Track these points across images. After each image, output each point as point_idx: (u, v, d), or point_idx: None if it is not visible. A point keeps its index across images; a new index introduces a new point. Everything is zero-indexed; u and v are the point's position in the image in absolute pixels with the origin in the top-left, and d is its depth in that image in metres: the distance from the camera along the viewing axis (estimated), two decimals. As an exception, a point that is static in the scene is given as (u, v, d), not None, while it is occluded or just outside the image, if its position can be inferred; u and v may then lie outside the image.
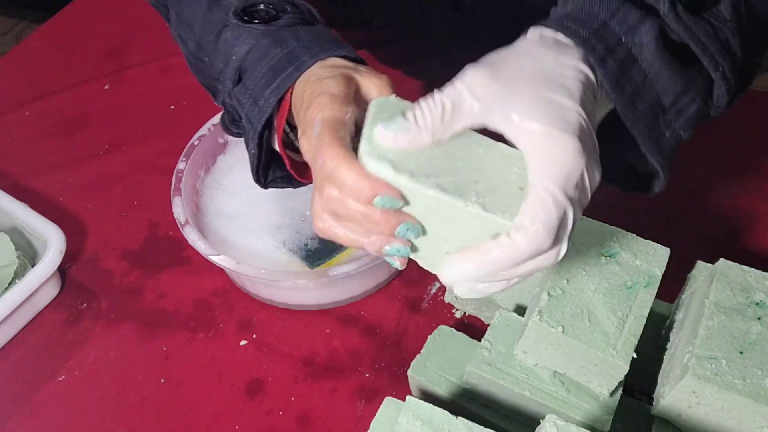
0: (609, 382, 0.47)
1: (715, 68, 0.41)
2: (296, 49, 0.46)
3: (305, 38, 0.47)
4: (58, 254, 0.64)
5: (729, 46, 0.41)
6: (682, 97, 0.42)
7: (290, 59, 0.46)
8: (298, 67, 0.45)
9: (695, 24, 0.40)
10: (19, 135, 0.85)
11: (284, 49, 0.46)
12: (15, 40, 2.22)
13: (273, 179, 0.53)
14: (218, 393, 0.60)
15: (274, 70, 0.46)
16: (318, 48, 0.46)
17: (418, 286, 0.67)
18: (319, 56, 0.45)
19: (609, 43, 0.39)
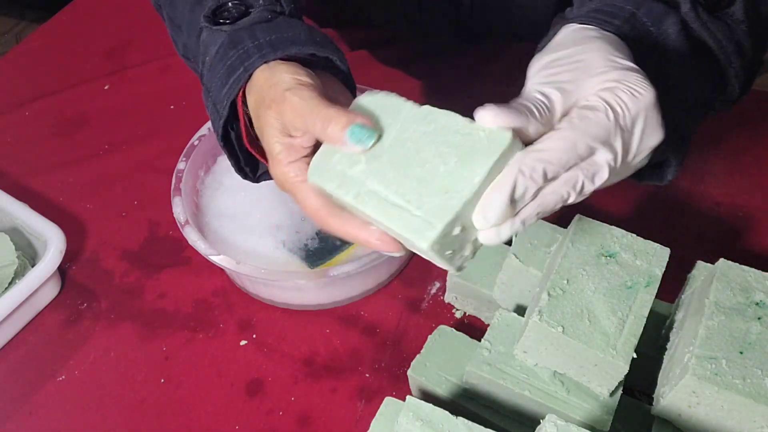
0: (609, 382, 0.47)
1: (730, 65, 0.43)
2: (249, 48, 0.46)
3: (261, 36, 0.46)
4: (58, 254, 0.64)
5: (741, 45, 0.43)
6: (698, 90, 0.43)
7: (242, 59, 0.45)
8: (247, 68, 0.45)
9: (713, 22, 0.42)
10: (19, 135, 0.85)
11: (239, 50, 0.46)
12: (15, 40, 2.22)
13: (263, 172, 0.53)
14: (218, 393, 0.60)
15: (228, 72, 0.46)
16: (269, 47, 0.45)
17: (418, 286, 0.67)
18: (267, 57, 0.45)
19: (639, 31, 0.40)
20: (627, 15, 0.41)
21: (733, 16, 0.43)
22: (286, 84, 0.43)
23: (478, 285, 0.59)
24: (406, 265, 0.68)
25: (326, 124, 0.40)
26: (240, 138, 0.49)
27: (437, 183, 0.37)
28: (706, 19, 0.42)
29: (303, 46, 0.46)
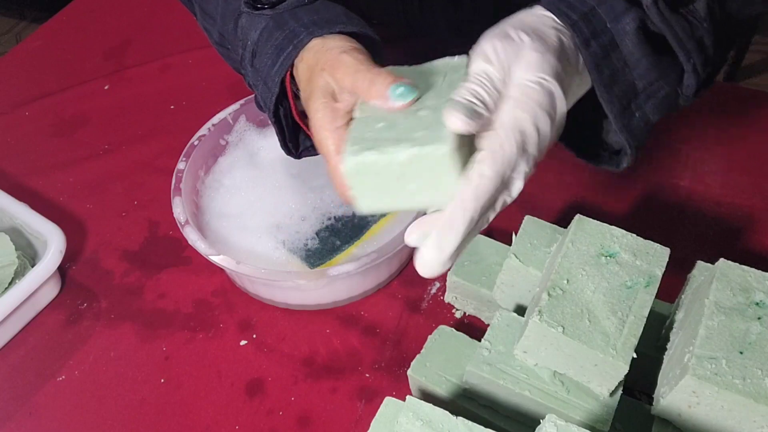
0: (609, 382, 0.47)
1: (688, 60, 0.45)
2: (296, 29, 0.49)
3: (304, 18, 0.50)
4: (58, 254, 0.64)
5: (703, 42, 0.45)
6: (654, 84, 0.45)
7: (290, 38, 0.49)
8: (296, 45, 0.49)
9: (674, 18, 0.43)
10: (19, 135, 0.85)
11: (285, 31, 0.50)
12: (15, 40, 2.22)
13: (304, 148, 0.57)
14: (218, 393, 0.60)
15: (277, 51, 0.50)
16: (315, 26, 0.49)
17: (418, 286, 0.67)
18: (315, 33, 0.48)
19: (595, 28, 0.43)
20: (587, 9, 0.43)
21: (695, 13, 0.44)
22: (341, 47, 0.46)
23: (478, 285, 0.59)
24: (406, 265, 0.68)
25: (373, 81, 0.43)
26: (288, 114, 0.54)
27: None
28: (668, 15, 0.43)
29: (345, 25, 0.49)
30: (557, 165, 0.76)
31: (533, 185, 0.73)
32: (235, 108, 0.74)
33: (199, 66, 0.92)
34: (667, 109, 0.46)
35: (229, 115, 0.73)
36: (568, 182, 0.74)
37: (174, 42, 0.96)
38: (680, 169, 0.75)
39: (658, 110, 0.46)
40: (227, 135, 0.74)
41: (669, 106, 0.46)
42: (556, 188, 0.74)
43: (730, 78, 1.87)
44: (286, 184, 0.71)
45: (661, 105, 0.46)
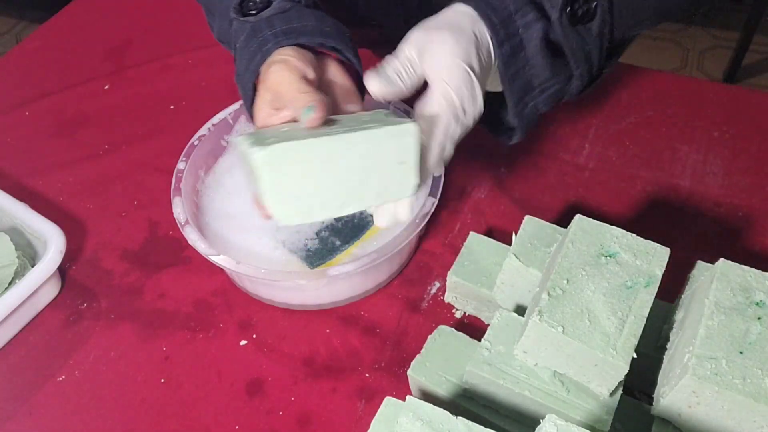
0: (609, 382, 0.47)
1: (576, 68, 0.53)
2: (267, 37, 0.53)
3: (277, 26, 0.54)
4: (58, 254, 0.64)
5: (590, 55, 0.53)
6: (547, 82, 0.53)
7: (260, 46, 0.53)
8: (264, 54, 0.53)
9: (571, 33, 0.51)
10: (19, 135, 0.85)
11: (258, 39, 0.54)
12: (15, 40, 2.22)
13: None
14: (218, 393, 0.60)
15: (250, 58, 0.54)
16: (283, 36, 0.53)
17: (418, 286, 0.67)
18: (281, 43, 0.52)
19: (509, 32, 0.51)
20: (505, 15, 0.50)
21: (588, 30, 0.52)
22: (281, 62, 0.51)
23: (478, 285, 0.59)
24: (406, 265, 0.68)
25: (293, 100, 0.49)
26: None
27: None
28: (567, 30, 0.51)
29: (311, 37, 0.53)
30: (557, 165, 0.76)
31: (533, 185, 0.74)
32: (235, 108, 0.74)
33: (199, 66, 0.92)
34: (555, 102, 0.55)
35: (229, 115, 0.73)
36: (568, 182, 0.74)
37: (174, 42, 0.96)
38: (680, 169, 0.75)
39: (548, 103, 0.55)
40: (227, 135, 0.74)
41: (557, 100, 0.55)
42: (556, 188, 0.74)
43: (730, 78, 1.87)
44: (286, 184, 0.71)
45: (551, 99, 0.55)
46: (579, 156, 0.77)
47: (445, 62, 0.48)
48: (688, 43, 2.02)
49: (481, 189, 0.74)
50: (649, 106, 0.81)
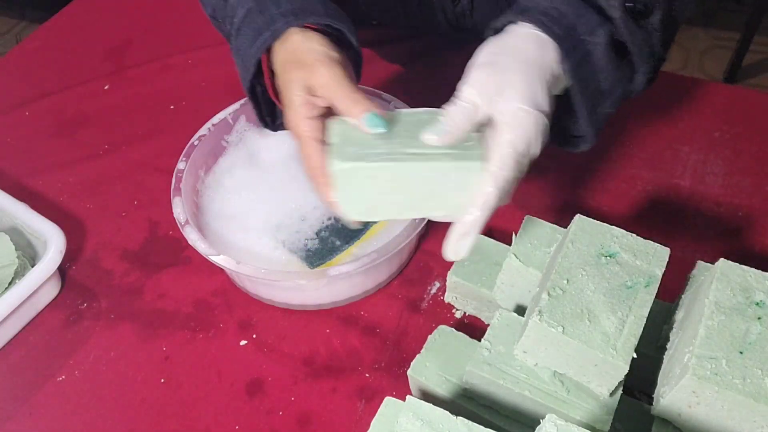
0: (609, 382, 0.47)
1: (641, 65, 0.52)
2: (274, 15, 0.53)
3: (284, 4, 0.53)
4: (58, 254, 0.64)
5: (654, 49, 0.52)
6: (615, 85, 0.52)
7: (268, 24, 0.53)
8: (273, 33, 0.52)
9: (636, 30, 0.50)
10: (19, 135, 0.85)
11: (265, 15, 0.53)
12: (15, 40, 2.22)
13: (280, 122, 0.61)
14: (218, 393, 0.60)
15: (255, 35, 0.53)
16: (292, 16, 0.52)
17: (418, 286, 0.67)
18: (291, 23, 0.52)
19: (575, 41, 0.49)
20: (567, 24, 0.49)
21: (651, 24, 0.51)
22: (318, 54, 0.50)
23: (478, 285, 0.59)
24: (406, 265, 0.68)
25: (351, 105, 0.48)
26: (264, 91, 0.58)
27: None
28: (632, 28, 0.50)
29: (319, 17, 0.53)
30: (557, 165, 0.76)
31: (533, 185, 0.74)
32: (235, 108, 0.74)
33: (199, 66, 0.92)
34: (620, 103, 0.54)
35: (229, 115, 0.73)
36: (568, 182, 0.74)
37: (174, 42, 0.96)
38: (680, 169, 0.75)
39: (614, 105, 0.53)
40: (227, 135, 0.74)
41: (622, 101, 0.54)
42: (556, 188, 0.74)
43: (730, 78, 1.87)
44: (286, 184, 0.71)
45: (617, 101, 0.53)
46: (579, 156, 0.77)
47: (513, 109, 0.46)
48: (688, 43, 2.02)
49: (481, 189, 0.74)
50: (649, 106, 0.81)
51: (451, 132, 0.46)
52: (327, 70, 0.50)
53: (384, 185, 0.46)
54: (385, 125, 0.47)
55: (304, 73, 0.50)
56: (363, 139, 0.47)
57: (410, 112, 0.50)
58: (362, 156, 0.46)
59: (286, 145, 0.75)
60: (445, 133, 0.46)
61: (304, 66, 0.50)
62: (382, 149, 0.46)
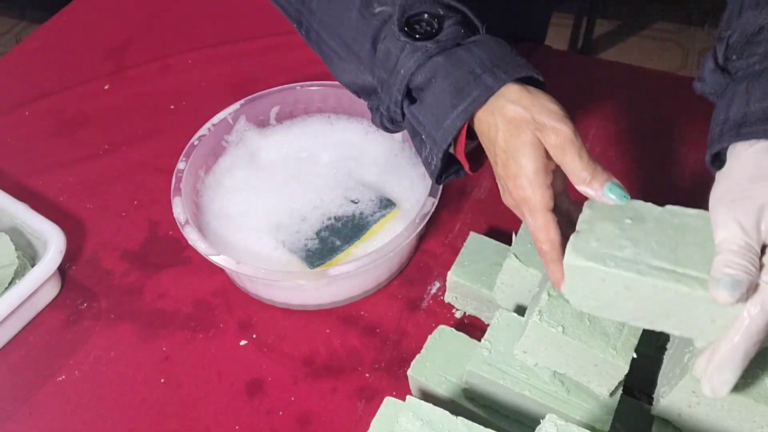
0: (609, 382, 0.47)
1: None
2: (476, 69, 0.47)
3: (482, 57, 0.48)
4: (58, 254, 0.64)
5: None
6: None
7: (472, 82, 0.47)
8: (484, 92, 0.47)
9: None
10: (19, 135, 0.85)
11: (463, 69, 0.47)
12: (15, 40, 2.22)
13: (447, 176, 0.55)
14: (218, 393, 0.60)
15: (458, 92, 0.47)
16: (499, 69, 0.47)
17: (418, 286, 0.67)
18: (503, 80, 0.46)
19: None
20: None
21: None
22: (559, 115, 0.45)
23: (478, 285, 0.59)
24: (406, 265, 0.68)
25: (593, 175, 0.45)
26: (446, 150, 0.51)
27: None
28: None
29: (528, 70, 0.47)
30: (557, 165, 0.76)
31: (533, 185, 0.74)
32: (235, 108, 0.74)
33: (199, 66, 0.92)
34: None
35: (229, 115, 0.73)
36: (568, 182, 0.74)
37: (174, 42, 0.96)
38: (680, 169, 0.75)
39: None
40: (227, 135, 0.74)
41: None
42: (556, 188, 0.74)
43: (730, 78, 1.87)
44: (286, 184, 0.71)
45: None
46: (579, 156, 0.77)
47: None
48: (688, 43, 2.02)
49: (481, 189, 0.74)
50: (649, 106, 0.81)
51: (743, 282, 0.38)
52: (570, 132, 0.45)
53: (618, 291, 0.42)
54: (625, 197, 0.45)
55: (542, 134, 0.45)
56: (610, 234, 0.43)
57: (675, 211, 0.45)
58: (602, 256, 0.42)
59: (286, 145, 0.75)
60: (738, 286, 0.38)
61: (543, 127, 0.45)
62: (627, 253, 0.42)
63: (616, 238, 0.43)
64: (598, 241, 0.43)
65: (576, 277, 0.43)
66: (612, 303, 0.43)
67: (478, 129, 0.49)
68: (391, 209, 0.67)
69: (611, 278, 0.41)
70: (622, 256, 0.42)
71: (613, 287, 0.42)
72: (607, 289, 0.42)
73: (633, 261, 0.41)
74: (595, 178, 0.45)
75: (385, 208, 0.68)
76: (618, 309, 0.43)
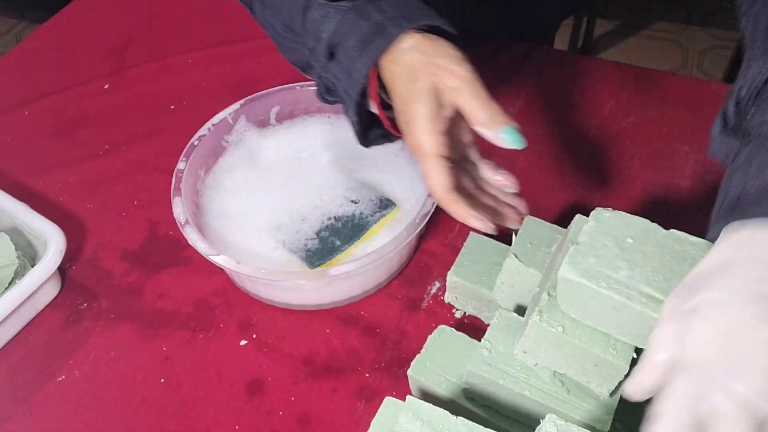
0: (609, 382, 0.47)
1: None
2: (382, 21, 0.49)
3: (389, 10, 0.49)
4: (58, 254, 0.64)
5: None
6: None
7: (377, 31, 0.49)
8: (386, 38, 0.48)
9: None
10: (19, 135, 0.85)
11: (369, 22, 0.49)
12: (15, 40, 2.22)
13: (374, 138, 0.57)
14: (218, 393, 0.60)
15: (363, 43, 0.49)
16: (402, 19, 0.48)
17: (418, 286, 0.67)
18: (405, 27, 0.48)
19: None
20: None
21: None
22: (455, 57, 0.47)
23: (478, 285, 0.59)
24: (406, 265, 0.68)
25: (490, 117, 0.46)
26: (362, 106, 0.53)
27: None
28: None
29: (432, 19, 0.49)
30: (557, 165, 0.76)
31: (533, 185, 0.74)
32: (235, 108, 0.74)
33: (199, 66, 0.92)
34: None
35: (229, 115, 0.73)
36: (568, 182, 0.74)
37: (174, 42, 0.96)
38: (680, 169, 0.75)
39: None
40: (227, 135, 0.74)
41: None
42: (556, 188, 0.74)
43: (730, 78, 1.87)
44: (286, 184, 0.71)
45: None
46: (579, 156, 0.77)
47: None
48: (688, 43, 2.02)
49: (481, 189, 0.74)
50: (649, 106, 0.81)
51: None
52: (467, 74, 0.46)
53: (606, 310, 0.43)
54: (522, 142, 0.46)
55: (438, 78, 0.47)
56: (609, 252, 0.43)
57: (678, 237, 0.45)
58: (596, 275, 0.42)
59: (286, 145, 0.75)
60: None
61: (439, 70, 0.46)
62: (622, 275, 0.42)
63: (614, 257, 0.43)
64: (595, 258, 0.43)
65: (568, 288, 0.44)
66: (599, 317, 0.44)
67: (385, 79, 0.50)
68: (391, 209, 0.68)
69: (601, 297, 0.42)
70: (615, 278, 0.42)
71: (601, 305, 0.43)
72: (595, 305, 0.43)
73: (625, 285, 0.42)
74: (493, 120, 0.46)
75: (385, 208, 0.68)
76: (604, 323, 0.45)
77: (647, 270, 0.43)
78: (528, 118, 0.81)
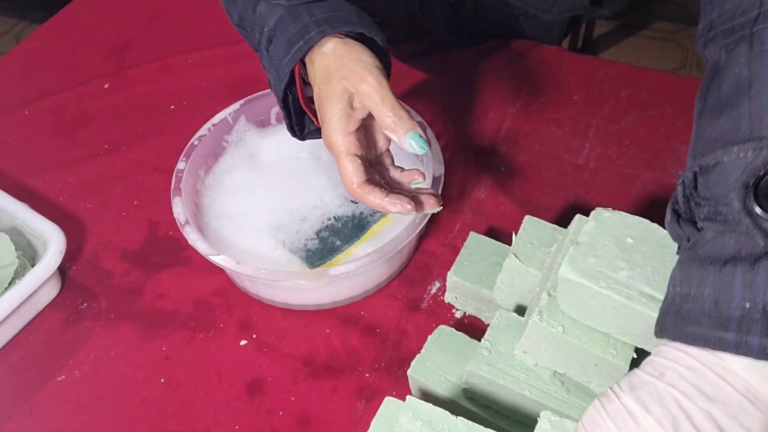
0: (609, 382, 0.47)
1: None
2: (308, 24, 0.51)
3: (318, 13, 0.52)
4: (58, 254, 0.64)
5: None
6: None
7: (302, 33, 0.51)
8: (307, 41, 0.51)
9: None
10: (19, 135, 0.85)
11: (298, 24, 0.52)
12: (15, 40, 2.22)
13: (309, 132, 0.60)
14: (218, 393, 0.60)
15: (290, 43, 0.52)
16: (326, 24, 0.51)
17: (418, 286, 0.67)
18: (326, 32, 0.50)
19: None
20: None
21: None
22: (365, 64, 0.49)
23: (478, 285, 0.59)
24: (406, 265, 0.68)
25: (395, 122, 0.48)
26: (295, 100, 0.56)
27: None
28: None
29: (354, 26, 0.51)
30: (557, 165, 0.76)
31: (533, 185, 0.74)
32: (235, 108, 0.74)
33: (199, 66, 0.92)
34: None
35: (229, 115, 0.73)
36: (568, 182, 0.74)
37: (174, 42, 0.96)
38: (680, 169, 0.75)
39: None
40: (227, 135, 0.74)
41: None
42: (556, 188, 0.74)
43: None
44: (286, 184, 0.71)
45: None
46: (579, 156, 0.77)
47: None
48: (688, 43, 2.02)
49: (481, 189, 0.74)
50: (649, 106, 0.81)
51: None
52: (375, 80, 0.49)
53: (606, 309, 0.43)
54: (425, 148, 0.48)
55: (349, 83, 0.49)
56: (609, 252, 0.44)
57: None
58: (596, 275, 0.43)
59: (286, 145, 0.75)
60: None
61: (350, 75, 0.49)
62: (622, 275, 0.43)
63: (614, 257, 0.43)
64: (595, 258, 0.44)
65: (568, 288, 0.44)
66: (599, 317, 0.44)
67: (309, 79, 0.53)
68: (391, 209, 0.67)
69: (601, 297, 0.43)
70: (615, 278, 0.43)
71: (601, 305, 0.43)
72: (595, 305, 0.43)
73: (625, 285, 0.42)
74: (399, 125, 0.48)
75: (385, 208, 0.68)
76: (604, 323, 0.45)
77: (647, 270, 0.43)
78: (528, 118, 0.81)
